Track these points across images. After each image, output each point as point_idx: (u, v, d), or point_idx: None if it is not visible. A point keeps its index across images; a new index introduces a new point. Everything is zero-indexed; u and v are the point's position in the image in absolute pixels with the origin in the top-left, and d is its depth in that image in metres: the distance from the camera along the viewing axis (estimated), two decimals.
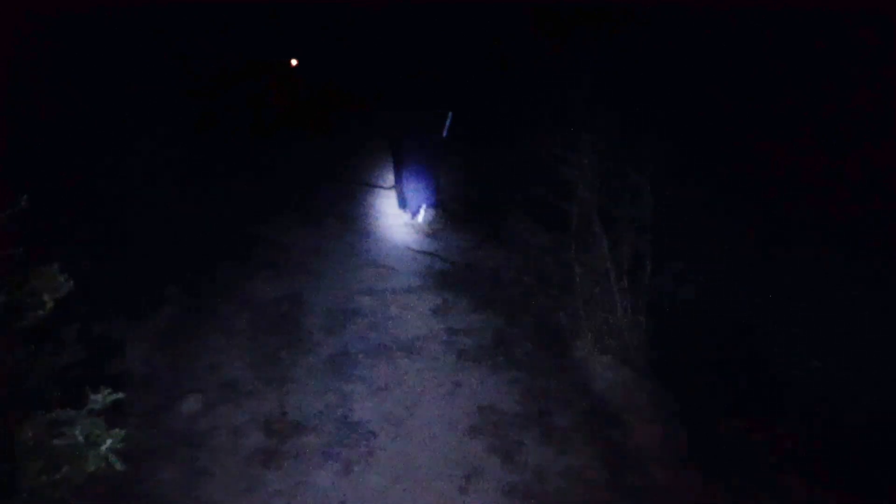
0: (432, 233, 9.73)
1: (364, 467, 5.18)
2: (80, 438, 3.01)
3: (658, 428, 5.66)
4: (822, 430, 5.65)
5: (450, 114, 9.51)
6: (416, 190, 9.76)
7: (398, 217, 10.24)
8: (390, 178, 10.35)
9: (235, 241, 8.50)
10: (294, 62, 12.54)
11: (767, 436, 5.60)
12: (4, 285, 3.21)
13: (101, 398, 3.12)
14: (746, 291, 6.97)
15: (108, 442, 3.02)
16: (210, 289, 7.30)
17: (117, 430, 3.11)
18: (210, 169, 10.54)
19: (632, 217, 6.53)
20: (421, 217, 9.96)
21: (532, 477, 5.19)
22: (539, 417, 5.83)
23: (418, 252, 9.02)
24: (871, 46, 7.66)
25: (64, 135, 9.10)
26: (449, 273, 8.47)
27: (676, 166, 6.71)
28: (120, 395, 3.20)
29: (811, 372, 6.20)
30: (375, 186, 11.09)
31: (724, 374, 6.20)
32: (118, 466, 3.10)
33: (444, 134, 9.53)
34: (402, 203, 10.07)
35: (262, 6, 11.63)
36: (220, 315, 6.92)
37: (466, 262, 8.81)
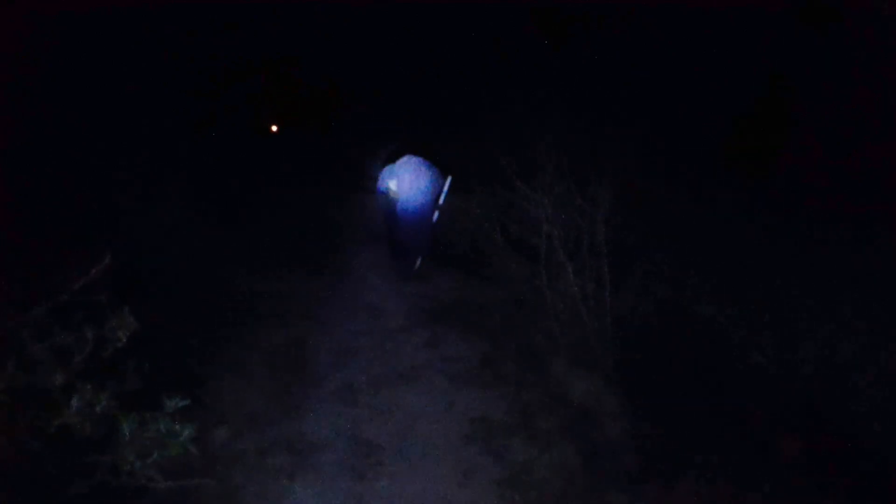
0: (423, 276, 10.60)
1: (375, 474, 6.03)
2: (163, 430, 3.97)
3: (626, 423, 6.55)
4: (779, 417, 6.51)
5: (448, 179, 9.68)
6: (411, 245, 10.02)
7: (393, 265, 11.05)
8: (384, 229, 10.93)
9: (243, 297, 9.34)
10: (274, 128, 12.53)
11: (725, 421, 6.49)
12: (95, 323, 4.17)
13: (173, 403, 4.10)
14: (705, 296, 7.91)
15: (186, 433, 4.00)
16: (226, 339, 8.14)
17: (189, 424, 4.08)
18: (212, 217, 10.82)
19: (590, 244, 7.54)
20: (417, 265, 10.43)
21: (520, 470, 6.06)
22: (524, 424, 6.70)
23: (411, 294, 9.94)
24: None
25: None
26: (439, 310, 9.38)
27: (631, 196, 7.70)
28: (188, 401, 4.16)
29: (768, 364, 7.11)
30: (372, 237, 11.75)
31: (685, 372, 7.11)
32: (194, 451, 4.05)
33: (442, 201, 9.75)
34: (397, 255, 10.41)
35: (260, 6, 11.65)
36: (236, 361, 7.75)
37: (454, 299, 9.74)
